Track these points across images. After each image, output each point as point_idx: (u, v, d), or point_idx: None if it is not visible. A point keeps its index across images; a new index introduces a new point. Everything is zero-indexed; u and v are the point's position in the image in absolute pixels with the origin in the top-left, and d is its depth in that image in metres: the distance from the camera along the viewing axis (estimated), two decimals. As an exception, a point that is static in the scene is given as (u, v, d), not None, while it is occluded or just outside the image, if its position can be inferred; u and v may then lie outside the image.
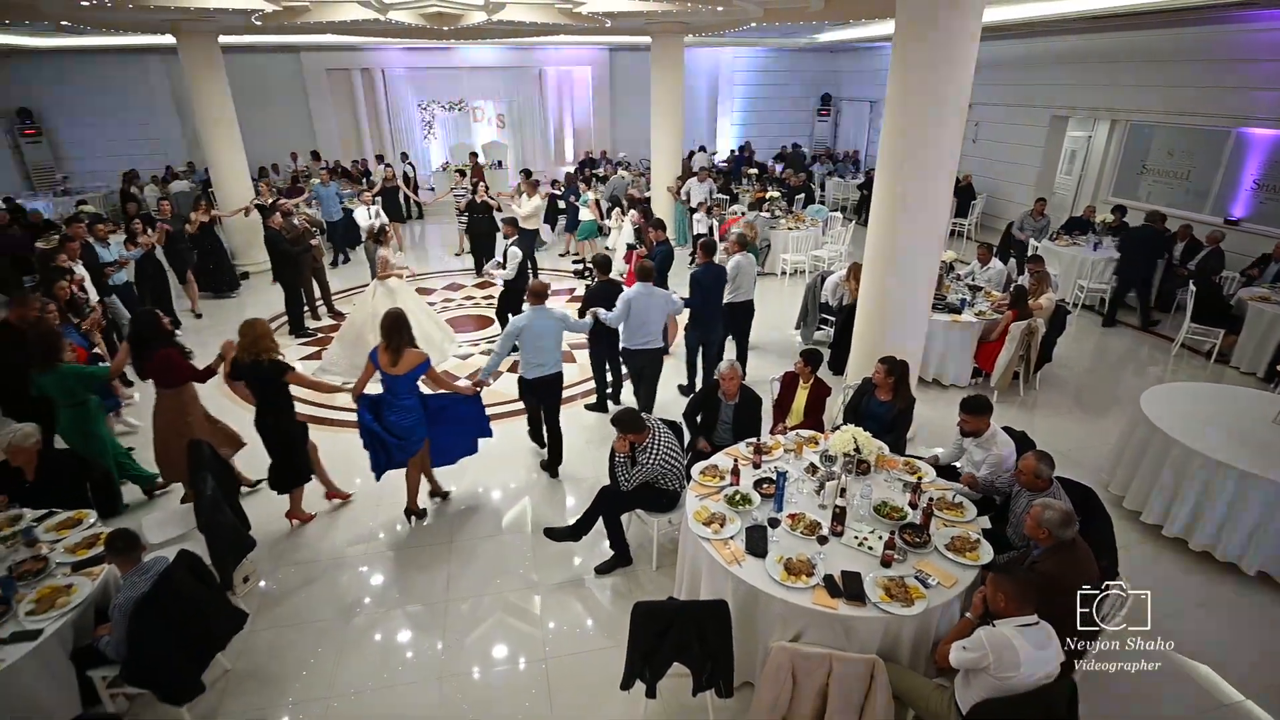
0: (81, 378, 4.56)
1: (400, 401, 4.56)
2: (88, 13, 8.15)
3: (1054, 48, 11.97)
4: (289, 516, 4.97)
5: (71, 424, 4.65)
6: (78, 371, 4.57)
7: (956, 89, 4.81)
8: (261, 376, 4.42)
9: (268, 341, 4.40)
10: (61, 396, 4.56)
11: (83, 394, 4.61)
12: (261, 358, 4.36)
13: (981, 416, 4.13)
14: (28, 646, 3.03)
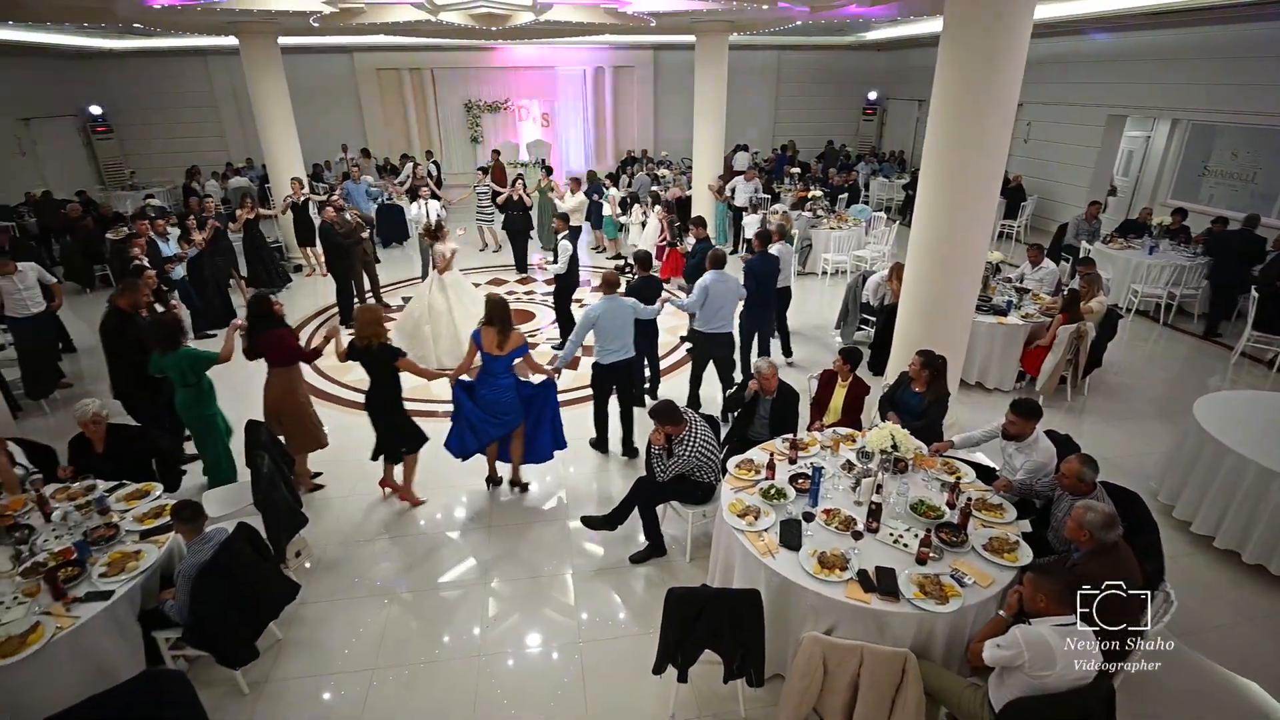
0: (196, 360, 4.80)
1: (500, 380, 4.83)
2: (158, 15, 8.57)
3: (1112, 45, 11.60)
4: (383, 484, 5.26)
5: (187, 403, 4.90)
6: (194, 355, 4.81)
7: (1005, 87, 4.74)
8: (373, 359, 4.69)
9: (379, 328, 4.69)
10: (178, 377, 4.81)
11: (195, 376, 4.85)
12: (373, 342, 4.63)
13: (1030, 420, 4.06)
14: (100, 606, 3.24)
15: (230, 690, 3.65)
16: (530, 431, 5.15)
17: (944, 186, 5.08)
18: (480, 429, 4.89)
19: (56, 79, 15.23)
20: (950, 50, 4.84)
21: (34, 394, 6.77)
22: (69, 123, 15.74)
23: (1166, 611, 3.11)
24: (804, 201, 11.45)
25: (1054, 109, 13.06)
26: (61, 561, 3.45)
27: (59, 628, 3.11)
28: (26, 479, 4.20)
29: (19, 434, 5.31)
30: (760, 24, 10.96)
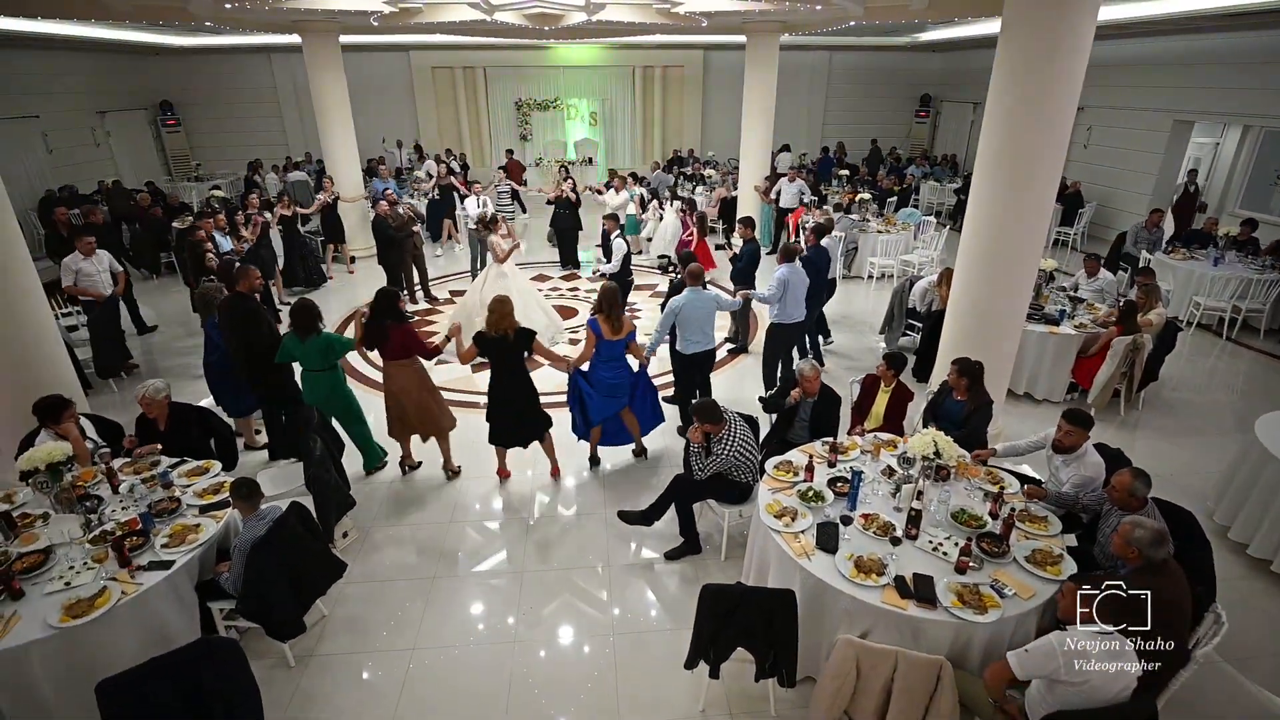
0: (334, 345, 5.00)
1: (617, 363, 5.24)
2: (229, 14, 8.94)
3: (1180, 47, 11.15)
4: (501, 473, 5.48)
5: (325, 388, 5.09)
6: (332, 339, 5.00)
7: (1065, 90, 4.61)
8: (507, 347, 4.88)
9: (513, 319, 4.88)
10: (314, 362, 4.99)
11: (332, 359, 5.06)
12: (508, 331, 4.83)
13: (1082, 430, 3.95)
14: (161, 574, 3.42)
15: (278, 662, 3.81)
16: (636, 407, 5.46)
17: (997, 191, 4.97)
18: (595, 409, 5.27)
19: (130, 74, 16.00)
20: (1008, 51, 4.73)
21: (104, 373, 7.13)
22: (140, 116, 16.51)
23: (1216, 633, 3.01)
24: (850, 205, 11.30)
25: (1117, 113, 12.61)
26: (128, 531, 3.65)
27: (124, 593, 3.29)
28: (96, 452, 4.45)
29: (89, 411, 5.62)
30: (813, 25, 10.86)
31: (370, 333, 5.11)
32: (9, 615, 3.18)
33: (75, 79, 14.33)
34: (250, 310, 5.24)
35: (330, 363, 5.05)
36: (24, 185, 12.56)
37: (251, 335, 5.15)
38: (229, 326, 5.24)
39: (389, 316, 5.09)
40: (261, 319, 5.28)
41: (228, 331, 5.27)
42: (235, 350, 5.24)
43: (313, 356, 4.98)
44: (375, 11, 8.84)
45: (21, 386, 4.83)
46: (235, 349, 5.24)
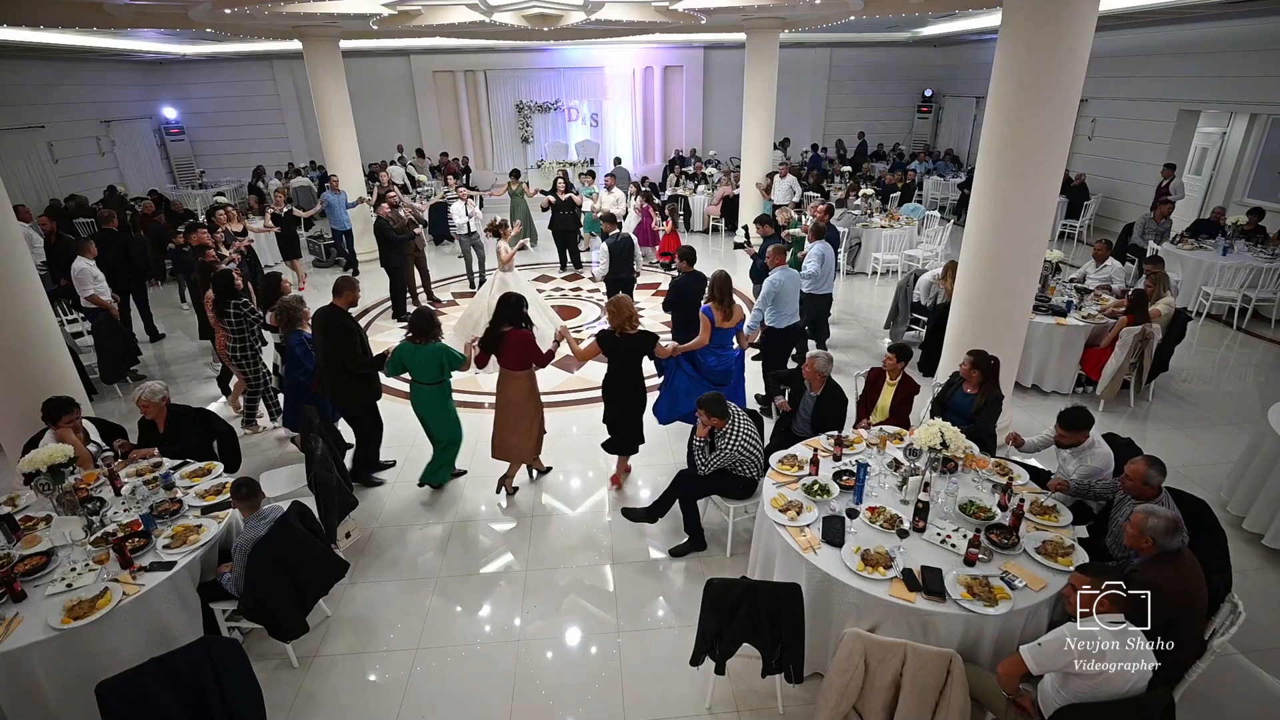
0: (448, 357, 4.84)
1: (726, 351, 5.46)
2: (229, 21, 8.96)
3: (1184, 36, 11.07)
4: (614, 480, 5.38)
5: (435, 400, 4.98)
6: (447, 351, 4.85)
7: (1067, 81, 4.55)
8: (630, 347, 4.81)
9: (636, 320, 4.84)
10: (430, 374, 4.86)
11: (448, 372, 4.91)
12: (630, 331, 4.77)
13: (1079, 432, 3.91)
14: (163, 575, 3.40)
15: (281, 663, 3.78)
16: (730, 395, 5.34)
17: (1001, 184, 4.92)
18: (688, 397, 5.24)
19: (134, 84, 16.12)
20: (1009, 43, 4.68)
21: (108, 378, 7.15)
22: (145, 125, 16.60)
23: (1233, 624, 2.95)
24: (847, 199, 11.24)
25: (1121, 105, 12.53)
26: (129, 533, 3.64)
27: (125, 594, 3.27)
28: (99, 455, 4.45)
29: (93, 415, 5.62)
30: (813, 20, 10.81)
31: (488, 340, 4.91)
32: (10, 617, 3.16)
33: (80, 89, 14.44)
34: (349, 325, 5.02)
35: (446, 375, 4.95)
36: (30, 194, 12.66)
37: (346, 351, 4.96)
38: (326, 338, 4.97)
39: (510, 322, 4.90)
40: (359, 333, 5.09)
41: (320, 341, 5.03)
42: (329, 364, 5.02)
43: (429, 367, 4.83)
44: (374, 14, 8.84)
45: (25, 390, 4.83)
46: (329, 362, 5.02)
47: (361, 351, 5.03)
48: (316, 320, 5.06)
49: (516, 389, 4.98)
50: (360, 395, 5.16)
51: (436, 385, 4.95)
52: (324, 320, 5.00)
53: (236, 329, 5.85)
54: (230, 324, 5.83)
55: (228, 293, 5.82)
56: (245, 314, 5.83)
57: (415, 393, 5.02)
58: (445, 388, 5.01)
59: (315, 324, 5.09)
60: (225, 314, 5.80)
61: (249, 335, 5.93)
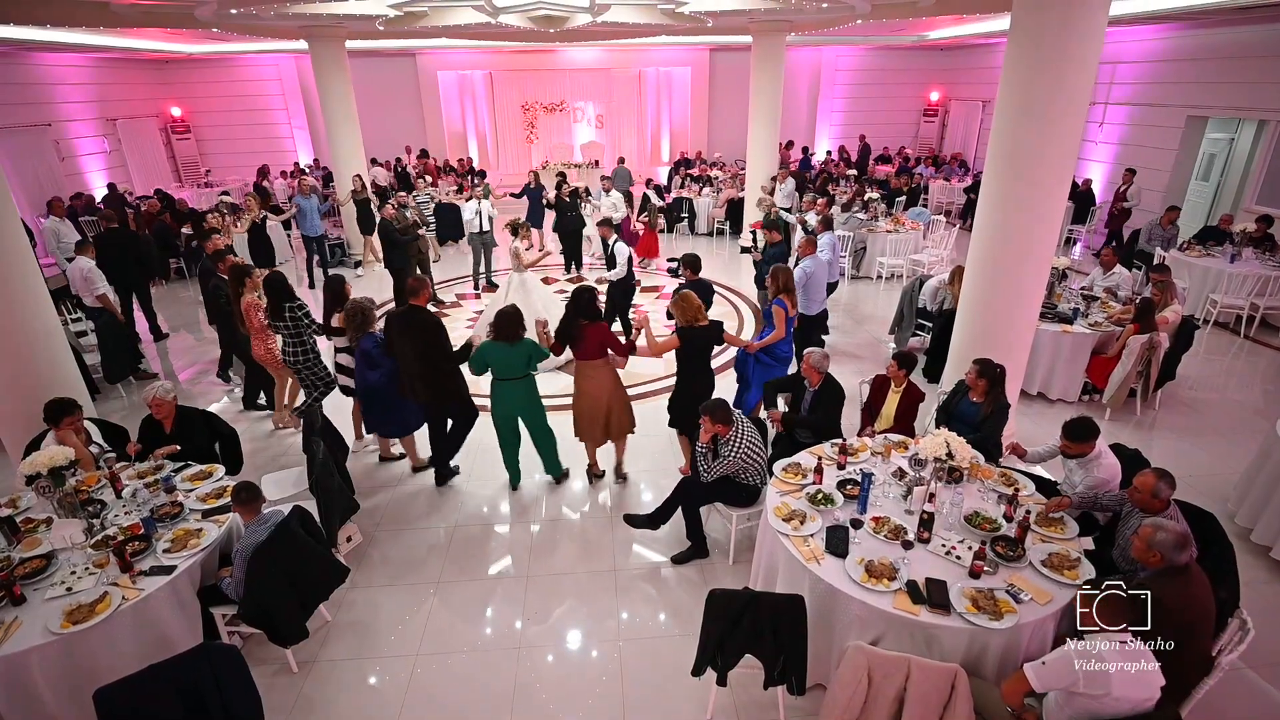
0: (535, 352, 4.90)
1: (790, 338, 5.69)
2: (235, 21, 8.97)
3: (1193, 42, 11.01)
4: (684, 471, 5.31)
5: (522, 394, 4.98)
6: (535, 347, 4.89)
7: (1077, 85, 4.51)
8: (698, 339, 4.98)
9: (703, 312, 5.04)
10: (517, 369, 4.87)
11: (532, 365, 4.93)
12: (698, 324, 4.94)
13: (1085, 443, 3.86)
14: (163, 580, 3.39)
15: (281, 668, 3.77)
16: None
17: (1008, 189, 4.88)
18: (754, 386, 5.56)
19: (141, 82, 16.14)
20: (1018, 46, 4.65)
21: (111, 378, 7.15)
22: (151, 123, 16.63)
23: (1242, 639, 2.91)
24: (851, 203, 11.22)
25: (1128, 110, 12.46)
26: (130, 536, 3.63)
27: (125, 598, 3.26)
28: (101, 457, 4.44)
29: (95, 415, 5.62)
30: (819, 24, 10.79)
31: (564, 332, 4.97)
32: (10, 621, 3.15)
33: (86, 87, 14.46)
34: (433, 322, 4.98)
35: (532, 368, 4.95)
36: (35, 193, 12.68)
37: (440, 349, 4.94)
38: (409, 337, 4.89)
39: (585, 315, 4.94)
40: (442, 329, 5.04)
41: (405, 343, 4.92)
42: (422, 364, 4.93)
43: (516, 364, 4.85)
44: (380, 16, 8.84)
45: (27, 390, 4.84)
46: (411, 361, 4.94)
47: (448, 345, 5.04)
48: (398, 323, 4.94)
49: (598, 380, 5.03)
50: (455, 389, 5.12)
51: (523, 379, 4.94)
52: (411, 321, 4.91)
53: (295, 332, 5.62)
54: (288, 328, 5.61)
55: (283, 294, 5.58)
56: (301, 316, 5.60)
57: (502, 390, 4.95)
58: (532, 380, 5.01)
59: (396, 326, 4.95)
60: (282, 317, 5.57)
61: (309, 338, 5.70)
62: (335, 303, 5.52)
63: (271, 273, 5.66)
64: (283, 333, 5.68)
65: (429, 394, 5.05)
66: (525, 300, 7.40)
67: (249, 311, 5.85)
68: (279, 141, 18.17)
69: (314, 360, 5.77)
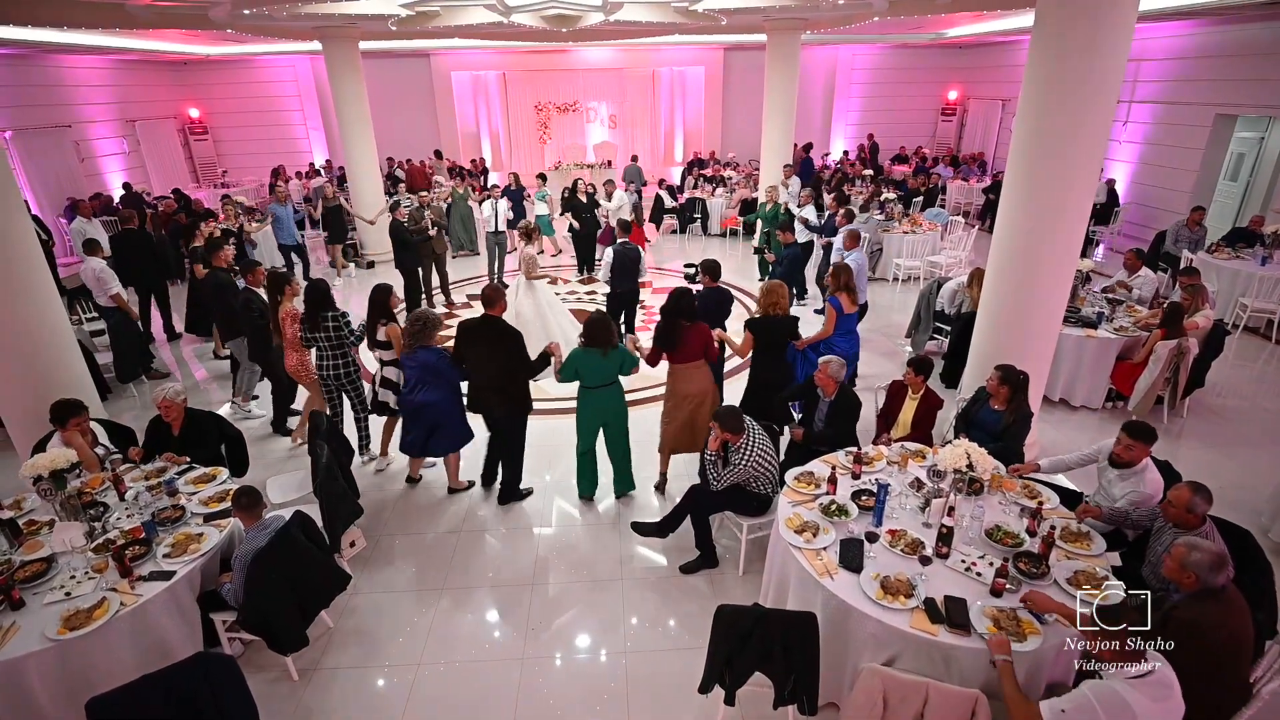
0: (626, 359, 4.77)
1: (850, 335, 5.86)
2: (249, 22, 8.98)
3: (1222, 38, 10.72)
4: None
5: (615, 400, 4.84)
6: (625, 354, 4.76)
7: (1105, 82, 4.34)
8: (777, 328, 5.11)
9: (781, 303, 5.15)
10: (609, 376, 4.75)
11: (625, 371, 4.81)
12: (776, 313, 5.11)
13: (1145, 445, 3.68)
14: (162, 585, 3.34)
15: (281, 675, 3.70)
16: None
17: (1032, 190, 4.71)
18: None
19: (159, 83, 16.29)
20: (1043, 43, 4.49)
21: (123, 377, 7.16)
22: (169, 124, 16.78)
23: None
24: (869, 204, 11.06)
25: (1154, 108, 12.18)
26: (130, 540, 3.58)
27: (123, 604, 3.21)
28: (107, 458, 4.41)
29: (106, 415, 5.61)
30: (835, 22, 10.63)
31: (665, 336, 4.85)
32: (7, 625, 3.11)
33: (106, 89, 14.61)
34: (511, 330, 4.80)
35: (625, 373, 4.82)
36: (55, 193, 12.83)
37: (519, 359, 4.77)
38: (485, 346, 4.75)
39: (685, 316, 4.84)
40: (520, 337, 4.83)
41: (482, 353, 4.76)
42: (502, 375, 4.78)
43: (608, 371, 4.73)
44: (392, 15, 8.81)
45: (36, 390, 4.81)
46: (488, 372, 4.79)
47: (524, 351, 4.84)
48: (474, 332, 4.77)
49: (699, 382, 4.92)
50: (528, 402, 4.96)
51: (611, 386, 4.81)
52: (489, 330, 4.75)
53: (336, 344, 5.30)
54: (328, 339, 5.26)
55: (323, 304, 5.23)
56: (343, 326, 5.28)
57: (591, 397, 4.81)
58: (621, 387, 4.88)
59: (472, 336, 4.78)
60: (323, 328, 5.22)
61: (349, 350, 5.39)
62: (380, 313, 5.23)
63: (313, 280, 5.36)
64: (320, 345, 5.32)
65: (504, 406, 4.86)
66: (533, 302, 7.34)
67: (286, 321, 5.51)
68: (295, 143, 18.28)
69: (357, 375, 5.49)
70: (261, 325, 5.91)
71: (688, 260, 10.98)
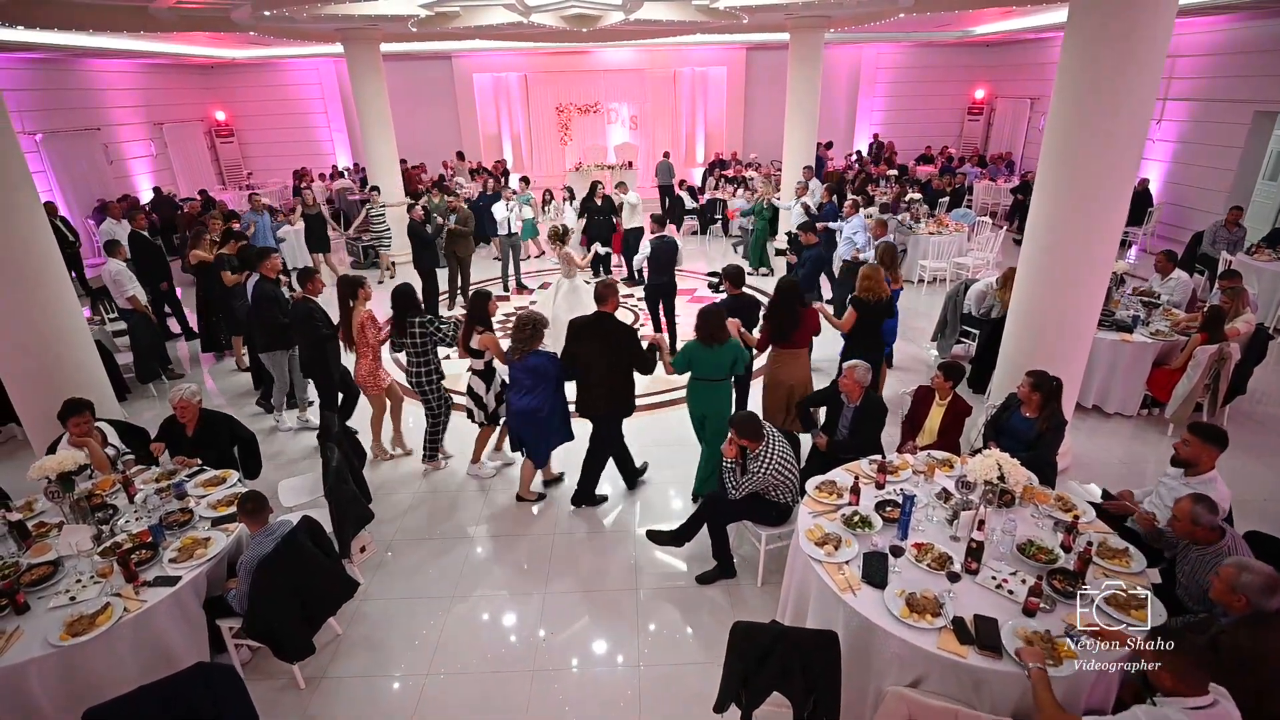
0: (740, 355, 4.76)
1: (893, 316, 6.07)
2: (270, 24, 9.02)
3: (1261, 33, 10.33)
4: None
5: (719, 393, 4.78)
6: (738, 349, 4.75)
7: (1140, 81, 4.14)
8: (877, 310, 5.43)
9: (883, 285, 5.42)
10: (722, 370, 4.71)
11: (739, 366, 4.78)
12: (877, 298, 5.37)
13: (1213, 448, 3.46)
14: (166, 591, 3.28)
15: (288, 683, 3.64)
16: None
17: (1066, 191, 4.51)
18: None
19: (186, 87, 16.52)
20: (1078, 39, 4.29)
21: (143, 378, 7.20)
22: (196, 127, 17.01)
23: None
24: (894, 205, 10.86)
25: (1189, 105, 11.79)
26: (137, 544, 3.53)
27: (126, 610, 3.16)
28: (119, 459, 4.39)
29: (125, 415, 5.63)
30: (859, 19, 10.43)
31: (781, 324, 5.07)
32: (11, 630, 3.07)
33: (134, 92, 14.84)
34: (626, 327, 4.74)
35: (737, 371, 4.80)
36: (84, 195, 13.05)
37: (631, 355, 4.69)
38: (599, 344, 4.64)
39: (800, 301, 5.10)
40: (635, 334, 4.79)
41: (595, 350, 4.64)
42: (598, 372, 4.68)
43: (720, 365, 4.68)
44: (411, 16, 8.79)
45: (51, 391, 4.81)
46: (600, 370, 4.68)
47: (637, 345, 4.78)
48: (588, 330, 4.67)
49: (800, 367, 5.19)
50: (632, 404, 4.91)
51: (722, 381, 4.77)
52: (601, 328, 4.67)
53: (422, 349, 5.17)
54: (415, 344, 5.13)
55: (411, 307, 5.13)
56: (433, 331, 5.15)
57: (699, 390, 4.77)
58: (728, 384, 4.85)
59: (586, 334, 4.67)
60: (410, 332, 5.09)
61: (434, 355, 5.29)
62: (480, 319, 5.05)
63: (400, 284, 5.24)
64: (414, 349, 5.18)
65: (611, 405, 4.79)
66: (576, 305, 7.12)
67: (364, 328, 5.27)
68: (318, 145, 18.43)
69: (440, 382, 5.36)
70: (328, 335, 5.55)
71: (710, 268, 10.83)
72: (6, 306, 4.77)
